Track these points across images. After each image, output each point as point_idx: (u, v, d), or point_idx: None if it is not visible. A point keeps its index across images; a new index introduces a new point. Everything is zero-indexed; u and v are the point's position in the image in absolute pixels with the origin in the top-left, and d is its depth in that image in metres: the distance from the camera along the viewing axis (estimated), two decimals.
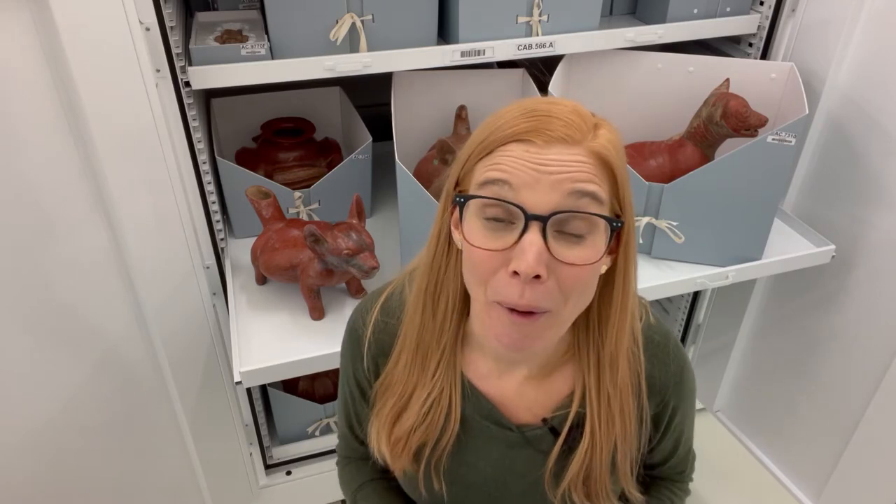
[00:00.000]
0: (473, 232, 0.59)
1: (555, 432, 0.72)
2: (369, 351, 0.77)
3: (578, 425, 0.70)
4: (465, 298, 0.68)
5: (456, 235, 0.65)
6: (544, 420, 0.72)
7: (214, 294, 1.26)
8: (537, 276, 0.56)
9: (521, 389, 0.73)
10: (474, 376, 0.74)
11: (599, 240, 0.59)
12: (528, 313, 0.59)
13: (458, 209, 0.63)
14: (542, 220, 0.56)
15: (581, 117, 0.58)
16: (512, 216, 0.58)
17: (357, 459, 0.90)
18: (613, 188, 0.59)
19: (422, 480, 0.76)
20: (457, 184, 0.63)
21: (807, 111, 1.16)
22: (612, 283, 0.64)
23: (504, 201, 0.57)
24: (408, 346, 0.72)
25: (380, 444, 0.75)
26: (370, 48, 1.13)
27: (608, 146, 0.58)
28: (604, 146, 0.58)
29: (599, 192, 0.57)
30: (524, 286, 0.57)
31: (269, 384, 1.49)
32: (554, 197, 0.56)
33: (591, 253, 0.58)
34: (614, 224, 0.59)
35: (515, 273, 0.57)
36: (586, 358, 0.69)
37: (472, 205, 0.59)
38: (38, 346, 1.17)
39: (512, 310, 0.59)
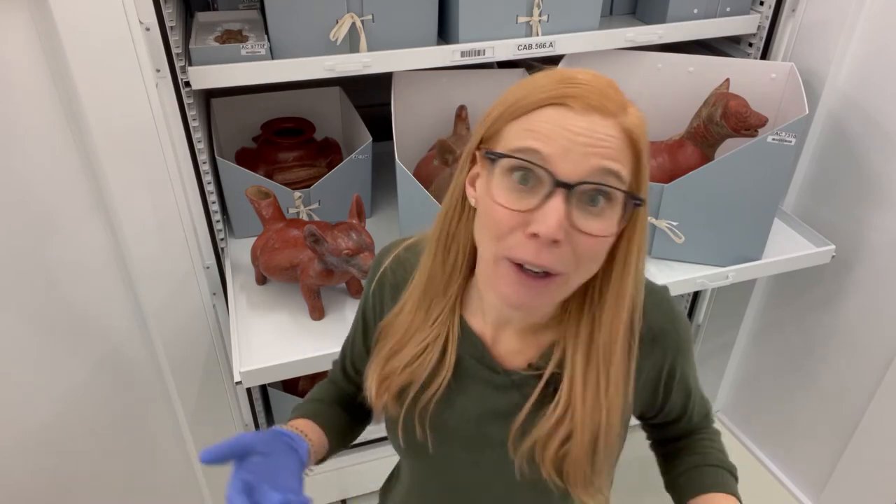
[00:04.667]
0: (498, 189, 0.60)
1: (540, 377, 0.73)
2: (382, 277, 0.80)
3: (560, 373, 0.71)
4: (474, 254, 0.70)
5: (469, 192, 0.66)
6: (530, 364, 0.73)
7: (214, 294, 1.26)
8: (555, 241, 0.58)
9: (511, 340, 0.75)
10: (471, 321, 0.76)
11: (616, 213, 0.60)
12: (538, 277, 0.61)
13: (475, 167, 0.65)
14: (569, 187, 0.57)
15: (615, 91, 0.60)
16: (538, 179, 0.58)
17: (331, 383, 0.92)
18: (635, 167, 0.61)
19: (402, 425, 0.77)
20: (481, 142, 0.64)
21: (807, 111, 1.16)
22: (612, 261, 0.65)
23: (534, 164, 0.58)
24: (415, 294, 0.74)
25: (371, 381, 0.77)
26: (370, 48, 1.13)
27: (639, 124, 0.60)
28: (635, 124, 0.60)
29: (623, 171, 0.59)
30: (540, 248, 0.59)
31: (269, 384, 1.49)
32: (582, 167, 0.57)
33: (607, 225, 0.60)
34: (635, 201, 0.60)
35: (534, 235, 0.58)
36: (576, 327, 0.70)
37: (501, 163, 0.60)
38: (38, 347, 1.17)
39: (521, 269, 0.61)
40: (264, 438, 0.71)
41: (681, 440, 0.87)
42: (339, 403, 0.88)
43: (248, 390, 1.44)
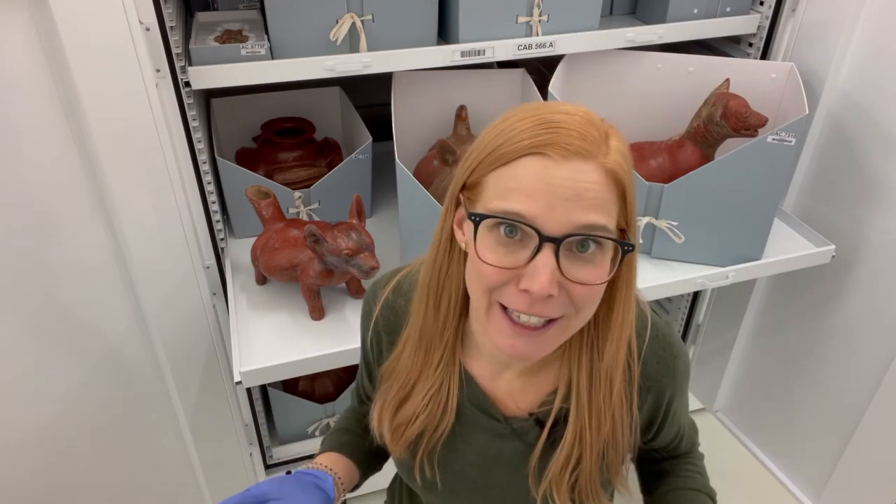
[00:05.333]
0: (485, 246, 0.60)
1: (541, 425, 0.73)
2: (375, 325, 0.80)
3: (563, 419, 0.72)
4: (467, 295, 0.69)
5: (458, 235, 0.66)
6: (531, 414, 0.74)
7: (214, 294, 1.26)
8: (549, 296, 0.57)
9: (512, 386, 0.75)
10: (471, 368, 0.76)
11: (607, 258, 0.60)
12: (535, 327, 0.61)
13: (461, 209, 0.64)
14: (556, 241, 0.56)
15: (594, 127, 0.58)
16: (525, 234, 0.58)
17: (353, 411, 0.94)
18: (622, 206, 0.60)
19: (417, 469, 0.78)
20: (464, 186, 0.64)
21: (807, 111, 1.16)
22: (612, 294, 0.65)
23: (519, 223, 0.57)
24: (412, 338, 0.74)
25: (381, 427, 0.77)
26: (370, 48, 1.13)
27: (621, 161, 0.58)
28: (617, 163, 0.58)
29: (608, 221, 0.58)
30: (534, 301, 0.58)
31: (269, 384, 1.49)
32: (568, 220, 0.56)
33: (600, 272, 0.59)
34: (626, 248, 0.59)
35: (526, 290, 0.58)
36: (577, 361, 0.70)
37: (486, 220, 0.60)
38: (38, 347, 1.17)
39: (514, 321, 0.61)
40: (279, 483, 0.71)
41: (664, 462, 0.88)
42: (363, 428, 0.89)
43: (248, 390, 1.44)
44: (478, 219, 0.59)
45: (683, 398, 0.81)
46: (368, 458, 0.87)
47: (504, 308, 0.61)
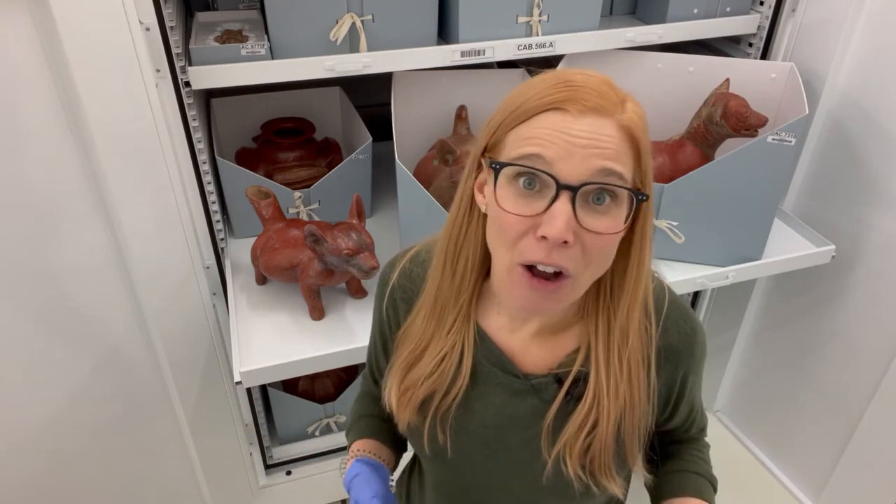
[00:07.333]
0: (505, 197, 0.62)
1: (560, 383, 0.73)
2: (392, 294, 0.81)
3: (583, 379, 0.72)
4: (485, 260, 0.72)
5: (479, 198, 0.68)
6: (550, 371, 0.74)
7: (214, 294, 1.26)
8: (565, 242, 0.59)
9: (529, 344, 0.75)
10: (487, 327, 0.77)
11: (622, 211, 0.62)
12: (548, 280, 0.62)
13: (482, 174, 0.67)
14: (573, 189, 0.59)
15: (612, 89, 0.62)
16: (543, 183, 0.60)
17: (370, 395, 0.94)
18: (637, 163, 0.62)
19: (427, 433, 0.78)
20: (485, 149, 0.66)
21: (807, 111, 1.16)
22: (626, 254, 0.67)
23: (538, 170, 0.59)
24: (427, 301, 0.75)
25: (390, 393, 0.78)
26: (370, 48, 1.13)
27: (636, 120, 0.62)
28: (632, 120, 0.61)
29: (624, 170, 0.60)
30: (551, 249, 0.60)
31: (269, 384, 1.49)
32: (584, 169, 0.59)
33: (615, 223, 0.62)
34: (639, 197, 0.62)
35: (544, 237, 0.60)
36: (594, 323, 0.71)
37: (506, 171, 0.62)
38: (38, 347, 1.17)
39: (532, 275, 0.63)
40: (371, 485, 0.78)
41: (672, 445, 0.88)
42: (382, 409, 0.90)
43: (248, 390, 1.44)
44: (498, 166, 0.62)
45: (698, 378, 0.81)
46: (397, 439, 0.89)
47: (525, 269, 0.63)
